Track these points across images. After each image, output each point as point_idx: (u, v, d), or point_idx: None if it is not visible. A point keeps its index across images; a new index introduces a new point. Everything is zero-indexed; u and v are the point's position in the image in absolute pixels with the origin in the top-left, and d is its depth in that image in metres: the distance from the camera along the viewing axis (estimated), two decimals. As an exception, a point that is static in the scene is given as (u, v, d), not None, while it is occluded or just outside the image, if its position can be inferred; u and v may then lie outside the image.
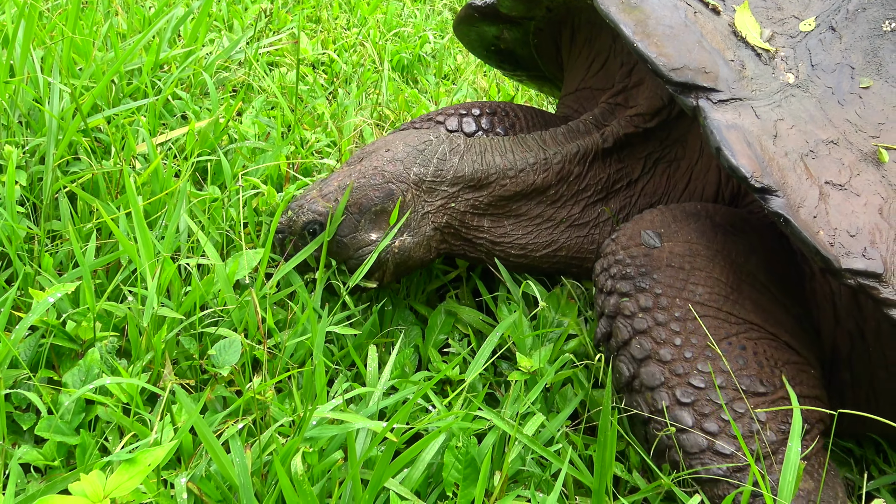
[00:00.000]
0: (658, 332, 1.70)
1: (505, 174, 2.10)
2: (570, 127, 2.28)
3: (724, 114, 1.73)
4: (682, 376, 1.65)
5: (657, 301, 1.74)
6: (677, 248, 1.83)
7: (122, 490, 1.22)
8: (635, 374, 1.70)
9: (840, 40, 1.87)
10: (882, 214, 1.64)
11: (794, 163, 1.67)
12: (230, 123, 2.67)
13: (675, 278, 1.77)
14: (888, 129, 1.75)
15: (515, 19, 2.57)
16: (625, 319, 1.75)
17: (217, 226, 2.24)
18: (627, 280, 1.79)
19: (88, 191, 2.26)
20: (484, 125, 2.44)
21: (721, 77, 1.77)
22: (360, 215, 1.97)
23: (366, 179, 2.01)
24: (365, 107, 3.41)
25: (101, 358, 1.75)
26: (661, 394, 1.65)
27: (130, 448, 1.40)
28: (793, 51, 1.88)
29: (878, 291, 1.56)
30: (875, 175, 1.69)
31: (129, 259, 2.00)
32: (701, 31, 1.84)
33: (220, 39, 3.54)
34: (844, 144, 1.73)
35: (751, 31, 1.90)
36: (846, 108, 1.78)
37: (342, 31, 4.42)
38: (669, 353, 1.67)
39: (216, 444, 1.40)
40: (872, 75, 1.81)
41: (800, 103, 1.78)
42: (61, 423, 1.62)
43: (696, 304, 1.73)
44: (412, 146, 2.09)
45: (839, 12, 1.90)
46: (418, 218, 2.03)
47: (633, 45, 1.81)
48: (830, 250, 1.57)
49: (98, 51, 2.93)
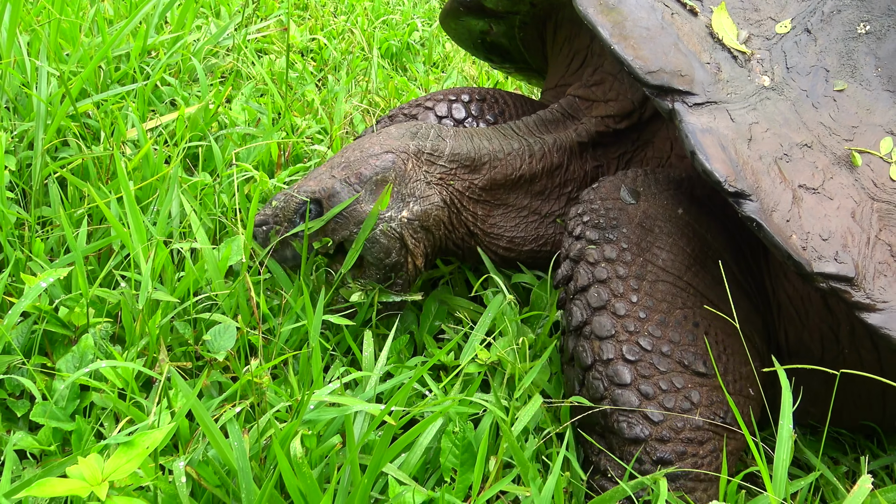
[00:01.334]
0: (617, 285, 1.72)
1: (495, 156, 2.09)
2: (541, 116, 2.30)
3: (700, 117, 1.72)
4: (632, 334, 1.67)
5: (621, 255, 1.76)
6: (651, 209, 1.85)
7: (120, 473, 1.21)
8: (587, 320, 1.71)
9: (815, 42, 1.86)
10: (854, 218, 1.65)
11: (768, 166, 1.67)
12: (220, 109, 2.65)
13: (643, 238, 1.79)
14: (861, 132, 1.76)
15: (500, 13, 2.56)
16: (587, 266, 1.77)
17: (209, 212, 2.22)
18: (598, 229, 1.80)
19: (78, 176, 2.24)
20: (473, 111, 2.44)
21: (697, 80, 1.77)
22: (361, 185, 1.90)
23: (362, 153, 1.96)
24: (355, 94, 3.40)
25: (95, 344, 1.74)
26: (608, 345, 1.66)
27: (128, 432, 1.39)
28: (769, 53, 1.88)
29: (850, 295, 1.58)
30: (848, 178, 1.70)
31: (121, 244, 1.99)
32: (678, 34, 1.83)
33: (207, 26, 3.51)
34: (818, 148, 1.73)
35: (727, 33, 1.89)
36: (820, 111, 1.78)
37: (330, 18, 4.40)
38: (624, 308, 1.69)
39: (214, 428, 1.40)
40: (847, 78, 1.81)
41: (775, 106, 1.78)
42: (56, 409, 1.61)
43: (657, 267, 1.76)
44: (404, 129, 2.07)
45: (814, 14, 1.90)
46: (422, 186, 1.98)
47: (611, 47, 1.80)
48: (803, 254, 1.58)
49: (85, 36, 2.90)
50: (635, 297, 1.71)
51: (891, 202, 1.70)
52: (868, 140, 1.75)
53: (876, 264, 1.62)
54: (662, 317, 1.69)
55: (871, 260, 1.62)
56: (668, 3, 1.92)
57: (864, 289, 1.59)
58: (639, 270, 1.74)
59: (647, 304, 1.70)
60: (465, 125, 2.40)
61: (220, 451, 1.40)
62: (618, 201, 1.86)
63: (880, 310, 1.58)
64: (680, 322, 1.70)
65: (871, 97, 1.79)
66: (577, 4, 1.90)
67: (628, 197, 1.87)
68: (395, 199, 1.93)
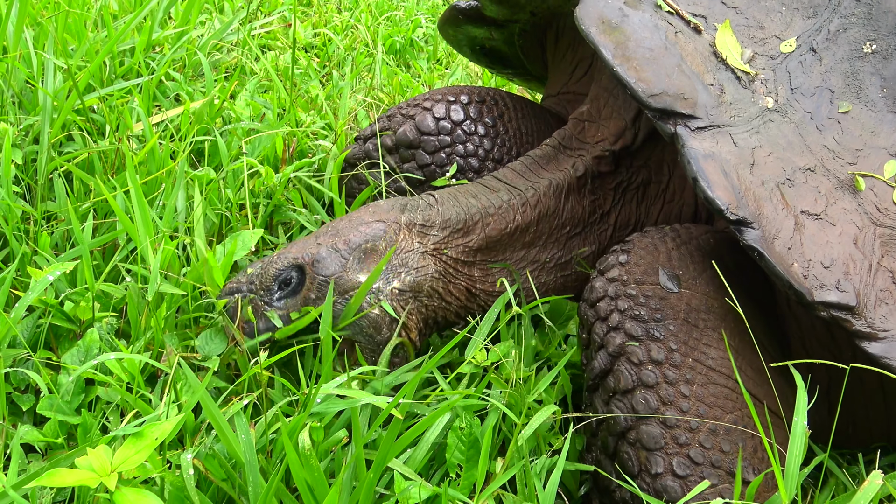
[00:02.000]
0: (666, 392, 1.59)
1: (486, 213, 1.98)
2: (532, 157, 2.20)
3: (702, 142, 1.70)
4: (682, 446, 1.56)
5: (670, 357, 1.62)
6: (694, 300, 1.71)
7: (129, 464, 1.21)
8: (633, 426, 1.60)
9: (820, 62, 1.84)
10: (857, 244, 1.63)
11: (770, 192, 1.65)
12: (224, 105, 2.65)
13: (690, 335, 1.66)
14: (866, 155, 1.74)
15: (500, 22, 2.53)
16: (630, 366, 1.63)
17: (214, 206, 2.22)
18: (639, 322, 1.66)
19: (83, 171, 2.24)
20: (472, 114, 2.39)
21: (700, 103, 1.74)
22: (349, 252, 1.79)
23: (351, 221, 1.85)
24: (359, 90, 3.40)
25: (101, 338, 1.74)
26: (657, 458, 1.55)
27: (135, 424, 1.39)
28: (773, 73, 1.85)
29: (851, 324, 1.56)
30: (851, 203, 1.68)
31: (127, 238, 1.99)
32: (681, 54, 1.80)
33: (211, 21, 3.51)
34: (822, 172, 1.71)
35: (731, 52, 1.86)
36: (824, 133, 1.76)
37: (334, 14, 4.40)
38: (675, 418, 1.58)
39: (222, 421, 1.40)
40: (852, 99, 1.79)
41: (778, 129, 1.76)
42: (62, 402, 1.61)
43: (706, 367, 1.64)
44: (393, 202, 1.95)
45: (820, 33, 1.87)
46: (415, 257, 1.87)
47: (613, 69, 1.77)
48: (804, 283, 1.56)
49: (90, 31, 2.91)
50: (686, 404, 1.58)
51: (894, 227, 1.68)
52: (872, 163, 1.73)
53: (878, 292, 1.60)
54: (714, 425, 1.58)
55: (872, 287, 1.60)
56: (671, 20, 1.89)
57: (866, 317, 1.57)
58: (689, 374, 1.62)
59: (699, 412, 1.59)
60: (463, 127, 2.36)
61: (227, 444, 1.40)
62: (657, 287, 1.71)
63: (881, 339, 1.56)
64: (730, 430, 1.59)
65: (876, 119, 1.77)
66: (580, 23, 1.87)
67: (670, 284, 1.72)
68: (385, 269, 1.82)
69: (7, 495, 1.27)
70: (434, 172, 2.32)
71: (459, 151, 2.32)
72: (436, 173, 2.33)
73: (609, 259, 1.81)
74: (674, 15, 1.92)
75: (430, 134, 2.32)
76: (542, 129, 2.53)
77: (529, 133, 2.49)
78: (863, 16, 1.87)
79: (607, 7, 1.88)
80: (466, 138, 2.34)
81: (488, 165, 2.36)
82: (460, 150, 2.33)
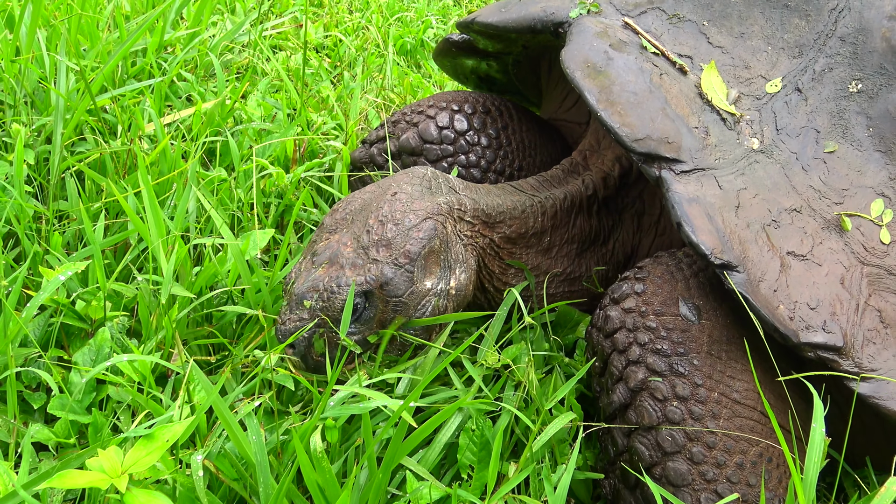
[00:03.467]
0: (693, 428, 1.57)
1: (511, 214, 1.98)
2: (545, 176, 2.21)
3: (687, 185, 1.69)
4: (709, 482, 1.54)
5: (695, 392, 1.59)
6: (716, 331, 1.68)
7: (140, 466, 1.21)
8: (659, 462, 1.58)
9: (806, 102, 1.83)
10: (844, 284, 1.62)
11: (755, 234, 1.64)
12: (236, 105, 2.65)
13: (714, 369, 1.63)
14: (852, 195, 1.73)
15: (493, 54, 2.53)
16: (654, 402, 1.60)
17: (225, 206, 2.22)
18: (662, 357, 1.63)
19: (95, 171, 2.24)
20: (476, 125, 2.36)
21: (684, 147, 1.73)
22: (412, 264, 1.70)
23: (399, 225, 1.73)
24: (370, 90, 3.40)
25: (112, 337, 1.74)
26: (685, 495, 1.54)
27: (146, 426, 1.39)
28: (758, 113, 1.85)
29: (838, 364, 1.55)
30: (838, 243, 1.67)
31: (138, 238, 1.99)
32: (665, 97, 1.79)
33: (223, 22, 3.52)
34: (808, 212, 1.70)
35: (717, 93, 1.86)
36: (810, 173, 1.75)
37: (345, 14, 4.40)
38: (701, 454, 1.55)
39: (233, 422, 1.40)
40: (838, 139, 1.78)
41: (764, 170, 1.75)
42: (73, 402, 1.61)
43: (732, 401, 1.61)
44: (416, 183, 1.86)
45: (806, 72, 1.87)
46: (460, 249, 1.84)
47: (598, 113, 1.77)
48: (790, 325, 1.55)
49: (102, 32, 2.91)
50: (712, 439, 1.56)
51: (881, 266, 1.68)
52: (858, 203, 1.72)
53: (865, 331, 1.59)
54: (741, 459, 1.57)
55: (859, 327, 1.59)
56: (657, 62, 1.89)
57: (853, 357, 1.56)
58: (715, 408, 1.59)
59: (726, 447, 1.56)
60: (466, 137, 2.33)
61: (238, 445, 1.40)
62: (677, 319, 1.67)
63: (869, 379, 1.55)
64: (756, 462, 1.58)
65: (863, 158, 1.77)
66: (566, 67, 1.87)
67: (691, 315, 1.68)
68: (442, 267, 1.77)
69: (17, 495, 1.27)
70: None
71: (461, 162, 2.31)
72: None
73: (624, 288, 1.77)
74: (659, 56, 1.92)
75: (433, 143, 2.31)
76: (544, 143, 2.53)
77: (532, 147, 2.47)
78: (848, 55, 1.86)
79: (592, 50, 1.88)
80: (469, 149, 2.33)
81: (490, 177, 2.35)
82: (462, 160, 2.31)
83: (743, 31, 1.97)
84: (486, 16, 2.27)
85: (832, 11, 1.91)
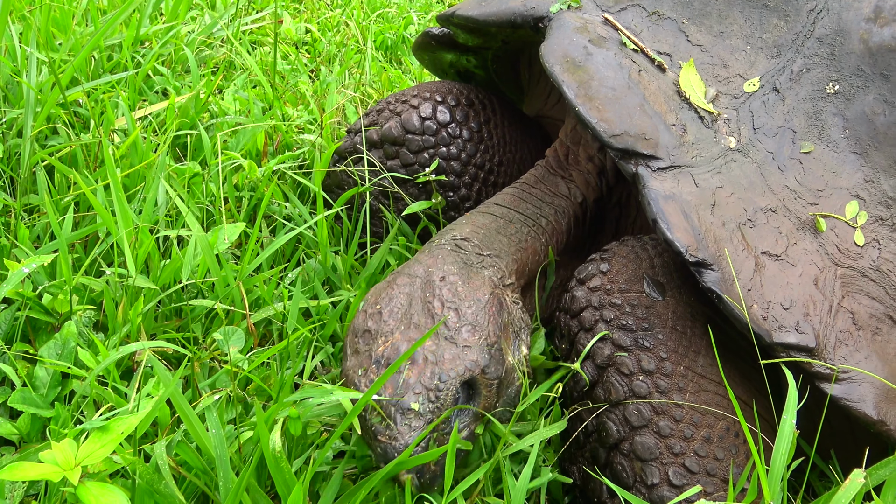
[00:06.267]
0: (659, 401, 1.58)
1: (518, 251, 1.94)
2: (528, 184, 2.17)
3: (663, 182, 1.69)
4: (677, 455, 1.55)
5: (661, 366, 1.61)
6: (680, 308, 1.70)
7: (93, 458, 1.21)
8: (627, 438, 1.59)
9: (783, 102, 1.84)
10: (817, 285, 1.63)
11: (731, 233, 1.64)
12: (210, 99, 2.64)
13: (679, 343, 1.65)
14: (827, 196, 1.74)
15: (473, 48, 2.53)
16: (621, 377, 1.62)
17: (197, 200, 2.22)
18: (626, 332, 1.65)
19: (67, 164, 2.23)
20: (458, 117, 2.34)
21: (661, 144, 1.73)
22: (498, 342, 1.64)
23: (472, 307, 1.64)
24: (348, 85, 3.39)
25: (78, 331, 1.73)
26: (652, 469, 1.55)
27: (104, 418, 1.38)
28: (736, 112, 1.85)
29: (810, 365, 1.55)
30: (812, 244, 1.68)
31: (107, 232, 1.98)
32: (644, 94, 1.79)
33: (202, 17, 3.51)
34: (783, 212, 1.71)
35: (695, 91, 1.86)
36: (786, 173, 1.76)
37: (326, 10, 4.39)
38: (668, 427, 1.57)
39: (192, 415, 1.39)
40: (814, 139, 1.79)
41: (740, 169, 1.75)
42: (36, 396, 1.60)
43: (697, 375, 1.63)
44: (449, 261, 1.76)
45: (784, 72, 1.87)
46: (520, 314, 1.80)
47: (576, 108, 1.77)
48: (763, 324, 1.55)
49: (77, 25, 2.90)
50: (679, 412, 1.58)
51: (855, 268, 1.68)
52: (834, 204, 1.73)
53: (837, 333, 1.60)
54: (707, 432, 1.58)
55: (832, 329, 1.60)
56: (636, 59, 1.88)
57: (825, 358, 1.57)
58: (681, 382, 1.61)
59: (693, 421, 1.58)
60: (448, 129, 2.33)
61: (196, 438, 1.40)
62: (642, 296, 1.70)
63: (840, 380, 1.56)
64: (723, 436, 1.59)
65: (838, 159, 1.77)
66: (545, 61, 1.86)
67: (654, 292, 1.70)
68: (513, 339, 1.72)
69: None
70: (417, 172, 2.31)
71: (443, 153, 2.31)
72: (418, 173, 2.32)
73: (589, 268, 1.79)
74: (638, 53, 1.92)
75: (415, 133, 2.31)
76: (525, 139, 2.53)
77: (514, 142, 2.47)
78: (826, 56, 1.86)
79: (572, 45, 1.87)
80: (450, 141, 2.32)
81: (470, 170, 2.34)
82: (443, 152, 2.31)
83: (722, 30, 1.98)
84: (467, 9, 2.27)
85: (811, 12, 1.92)
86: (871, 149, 1.78)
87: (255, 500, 1.39)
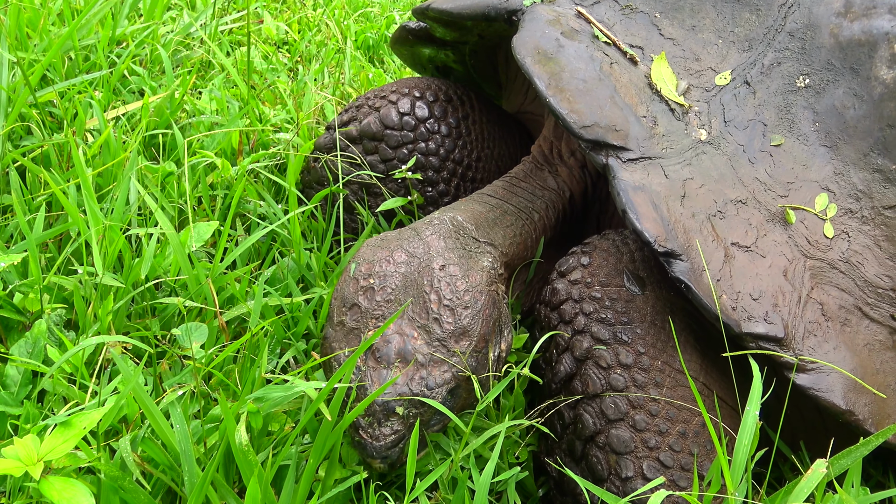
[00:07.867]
0: (636, 395, 1.59)
1: (512, 241, 1.95)
2: (517, 177, 2.18)
3: (633, 173, 1.70)
4: (652, 450, 1.56)
5: (638, 360, 1.62)
6: (660, 303, 1.71)
7: (56, 453, 1.20)
8: (602, 430, 1.60)
9: (754, 95, 1.85)
10: (787, 276, 1.64)
11: (700, 224, 1.65)
12: (186, 99, 2.64)
13: (658, 338, 1.66)
14: (797, 188, 1.74)
15: (450, 42, 2.53)
16: (599, 370, 1.63)
17: (170, 199, 2.21)
18: (605, 326, 1.66)
19: (40, 164, 2.22)
20: (437, 113, 2.35)
21: (631, 135, 1.74)
22: (486, 343, 1.65)
23: (468, 309, 1.63)
24: (327, 84, 3.39)
25: (48, 329, 1.73)
26: (627, 462, 1.56)
27: (67, 413, 1.38)
28: (707, 105, 1.86)
29: (779, 355, 1.56)
30: (782, 236, 1.69)
31: (78, 231, 1.97)
32: (615, 86, 1.80)
33: (181, 17, 3.50)
34: (753, 204, 1.71)
35: (666, 84, 1.86)
36: (756, 166, 1.76)
37: (307, 10, 4.39)
38: (644, 421, 1.58)
39: (155, 410, 1.39)
40: (784, 132, 1.80)
41: (711, 161, 1.76)
42: (6, 394, 1.60)
43: (675, 370, 1.64)
44: (451, 246, 1.74)
45: (755, 66, 1.88)
46: (505, 308, 1.79)
47: (546, 100, 1.77)
48: (732, 315, 1.56)
49: (53, 26, 2.89)
50: (655, 407, 1.59)
51: (824, 260, 1.69)
52: (804, 196, 1.74)
53: (806, 324, 1.61)
54: (683, 428, 1.59)
55: (801, 319, 1.61)
56: (608, 51, 1.89)
57: (794, 349, 1.57)
58: (658, 377, 1.61)
59: (668, 416, 1.59)
60: (427, 125, 2.33)
61: (161, 434, 1.39)
62: (622, 290, 1.71)
63: (808, 370, 1.57)
64: (699, 431, 1.60)
65: (808, 152, 1.78)
66: (517, 53, 1.87)
67: (634, 287, 1.71)
68: (496, 334, 1.71)
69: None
70: (396, 167, 2.31)
71: (421, 149, 2.31)
72: (397, 169, 2.32)
73: (570, 261, 1.80)
74: (611, 46, 1.92)
75: (394, 128, 2.31)
76: (504, 135, 2.54)
77: (492, 138, 2.48)
78: (797, 50, 1.87)
79: (544, 37, 1.87)
80: (429, 136, 2.33)
81: (448, 166, 2.35)
82: (422, 147, 2.31)
83: (694, 24, 1.98)
84: (442, 2, 2.27)
85: (782, 7, 1.93)
86: (841, 142, 1.79)
87: (221, 496, 1.39)
